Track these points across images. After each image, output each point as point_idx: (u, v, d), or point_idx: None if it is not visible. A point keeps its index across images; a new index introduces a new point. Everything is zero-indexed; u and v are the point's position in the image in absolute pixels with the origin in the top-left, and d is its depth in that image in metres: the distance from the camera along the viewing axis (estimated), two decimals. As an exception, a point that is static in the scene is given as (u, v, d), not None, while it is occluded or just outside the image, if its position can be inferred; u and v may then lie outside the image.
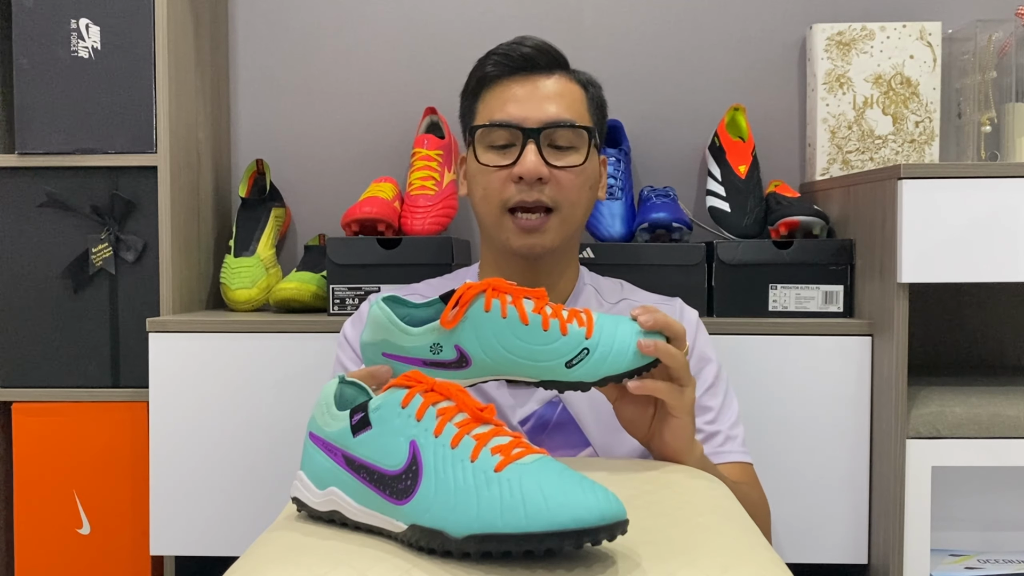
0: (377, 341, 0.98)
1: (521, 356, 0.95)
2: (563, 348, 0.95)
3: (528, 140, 1.22)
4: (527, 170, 1.21)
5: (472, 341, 0.95)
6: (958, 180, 1.37)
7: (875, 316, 1.49)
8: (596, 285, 1.37)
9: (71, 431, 1.65)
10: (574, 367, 0.95)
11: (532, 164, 1.21)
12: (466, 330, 0.95)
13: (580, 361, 0.95)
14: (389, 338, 0.97)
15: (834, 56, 1.76)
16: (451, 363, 0.96)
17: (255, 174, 1.85)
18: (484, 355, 0.95)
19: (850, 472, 1.51)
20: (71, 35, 1.64)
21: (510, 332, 0.95)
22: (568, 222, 1.26)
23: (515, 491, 0.71)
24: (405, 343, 0.97)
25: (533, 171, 1.21)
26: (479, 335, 0.95)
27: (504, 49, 1.28)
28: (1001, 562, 1.49)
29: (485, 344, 0.95)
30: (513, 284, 0.98)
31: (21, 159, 1.65)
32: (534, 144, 1.22)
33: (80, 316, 1.67)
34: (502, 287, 0.97)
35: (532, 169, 1.21)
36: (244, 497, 1.55)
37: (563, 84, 1.27)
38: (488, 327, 0.95)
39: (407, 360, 0.97)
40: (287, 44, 1.93)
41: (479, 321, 0.95)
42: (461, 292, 0.96)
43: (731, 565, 0.74)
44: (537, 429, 1.25)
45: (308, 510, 0.85)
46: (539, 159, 1.22)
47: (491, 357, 0.95)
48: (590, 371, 0.95)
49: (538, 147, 1.22)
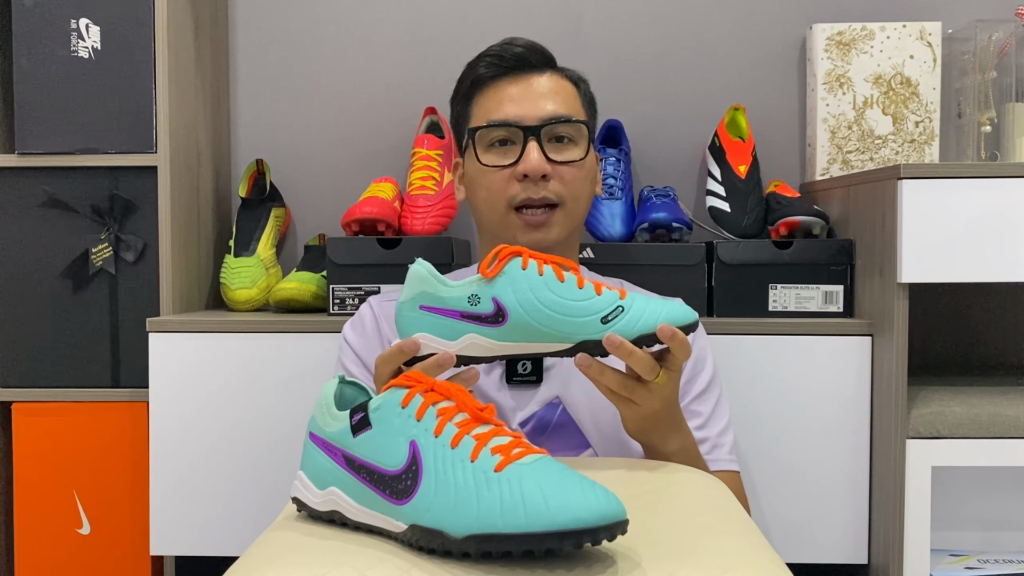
0: (415, 295, 0.99)
1: (557, 311, 0.96)
2: (598, 304, 0.96)
3: (529, 138, 1.23)
4: (531, 167, 1.22)
5: (509, 294, 0.96)
6: (958, 180, 1.37)
7: (875, 316, 1.49)
8: (596, 285, 1.37)
9: (71, 431, 1.65)
10: (609, 323, 0.96)
11: (536, 161, 1.22)
12: (504, 283, 0.96)
13: (616, 317, 0.96)
14: (428, 290, 0.98)
15: (834, 56, 1.76)
16: (488, 317, 0.97)
17: (255, 174, 1.84)
18: (521, 308, 0.96)
19: (850, 472, 1.51)
20: (71, 35, 1.64)
21: (546, 287, 0.96)
22: (572, 216, 1.28)
23: (515, 491, 0.71)
24: (444, 294, 0.98)
25: (537, 168, 1.22)
26: (516, 288, 0.96)
27: (496, 50, 1.29)
28: (1001, 562, 1.49)
29: (522, 297, 0.96)
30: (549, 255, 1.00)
31: (21, 159, 1.65)
32: (535, 141, 1.23)
33: (80, 316, 1.66)
34: (537, 254, 0.99)
35: (536, 166, 1.22)
36: (244, 497, 1.55)
37: (556, 81, 1.29)
38: (524, 282, 0.96)
39: (445, 312, 0.98)
40: (287, 44, 1.93)
41: (516, 275, 0.97)
42: (498, 250, 0.98)
43: (731, 565, 0.74)
44: (537, 431, 1.25)
45: (308, 510, 0.85)
46: (542, 156, 1.23)
47: (528, 311, 0.96)
48: (625, 328, 0.96)
49: (539, 144, 1.23)
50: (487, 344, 0.97)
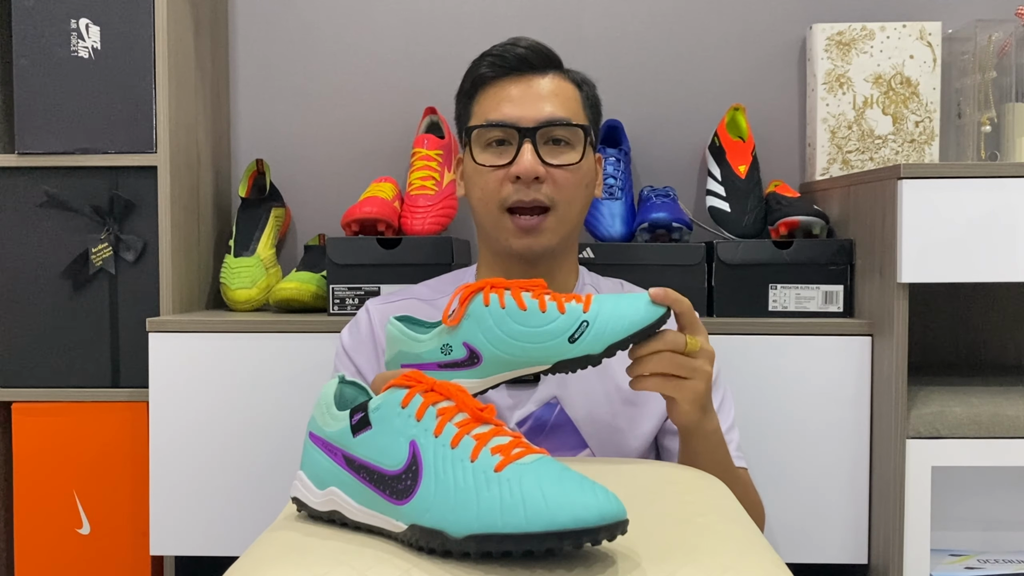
0: (395, 355, 1.04)
1: (524, 340, 0.98)
2: (563, 325, 0.98)
3: (524, 139, 1.23)
4: (524, 169, 1.22)
5: (477, 335, 0.99)
6: (958, 180, 1.37)
7: (875, 316, 1.49)
8: (596, 285, 1.37)
9: (71, 431, 1.65)
10: (576, 341, 0.98)
11: (529, 163, 1.22)
12: (470, 326, 1.00)
13: (581, 334, 0.98)
14: (404, 348, 1.03)
15: (834, 56, 1.76)
16: (463, 361, 1.00)
17: (255, 174, 1.84)
18: (491, 346, 0.99)
19: (850, 472, 1.51)
20: (71, 35, 1.64)
21: (510, 319, 0.99)
22: (565, 221, 1.27)
23: (515, 491, 0.71)
24: (418, 350, 1.02)
25: (530, 170, 1.22)
26: (482, 328, 0.99)
27: (498, 50, 1.29)
28: (1001, 562, 1.49)
29: (489, 335, 0.99)
30: (509, 280, 1.02)
31: (21, 159, 1.65)
32: (530, 143, 1.23)
33: (80, 316, 1.66)
34: (499, 283, 1.01)
35: (529, 168, 1.22)
36: (244, 497, 1.55)
37: (558, 83, 1.28)
38: (489, 319, 0.99)
39: (423, 366, 1.02)
40: (287, 44, 1.93)
41: (480, 315, 0.99)
42: (458, 292, 1.01)
43: (731, 565, 0.74)
44: (535, 431, 1.25)
45: (308, 510, 0.85)
46: (535, 158, 1.22)
47: (498, 347, 0.99)
48: (593, 342, 0.98)
49: (534, 146, 1.23)
50: (471, 384, 1.01)
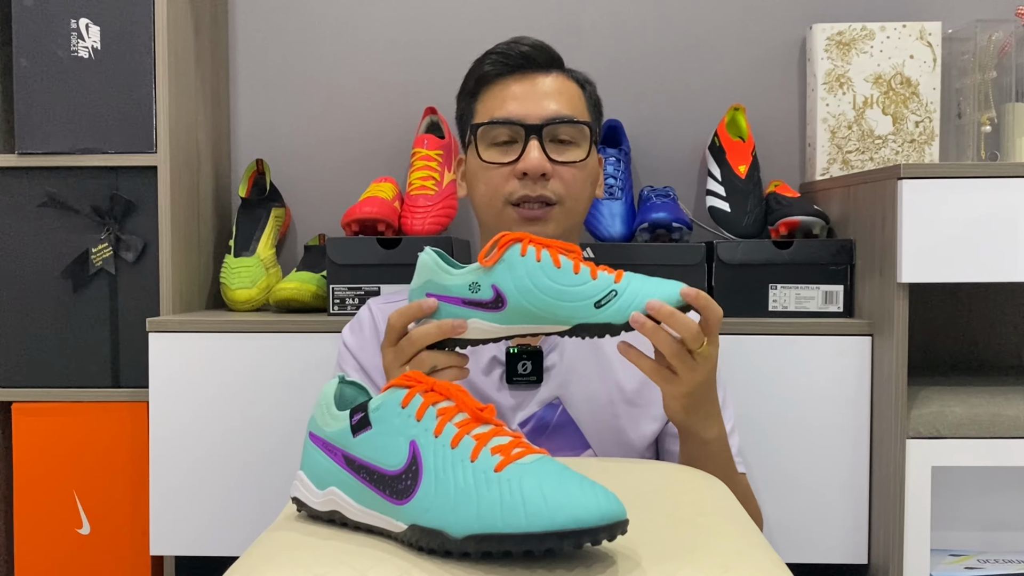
0: (423, 283, 1.05)
1: (553, 296, 0.99)
2: (592, 289, 0.99)
3: (531, 136, 1.23)
4: (531, 166, 1.22)
5: (507, 281, 1.01)
6: (958, 180, 1.37)
7: (875, 316, 1.49)
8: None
9: (71, 431, 1.65)
10: (602, 307, 0.99)
11: (536, 160, 1.22)
12: (502, 270, 1.01)
13: (608, 301, 0.99)
14: (434, 278, 1.04)
15: (834, 56, 1.76)
16: (488, 303, 1.01)
17: (255, 174, 1.85)
18: (518, 294, 1.00)
19: (850, 472, 1.51)
20: (71, 35, 1.64)
21: (543, 273, 1.00)
22: (570, 215, 1.28)
23: (515, 491, 0.71)
24: (447, 282, 1.03)
25: (537, 167, 1.22)
26: (514, 275, 1.00)
27: (502, 48, 1.29)
28: (1001, 562, 1.49)
29: (519, 284, 1.00)
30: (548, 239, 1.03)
31: (21, 159, 1.65)
32: (536, 140, 1.23)
33: (80, 316, 1.66)
34: (538, 240, 1.03)
35: (536, 165, 1.22)
36: (244, 497, 1.55)
37: (561, 82, 1.29)
38: (523, 268, 1.00)
39: (448, 299, 1.03)
40: (287, 44, 1.93)
41: (514, 262, 1.01)
42: (499, 237, 1.02)
43: (731, 565, 0.74)
44: (537, 431, 1.25)
45: (308, 510, 0.85)
46: (542, 155, 1.23)
47: (524, 297, 1.00)
48: (618, 312, 0.99)
49: (540, 143, 1.23)
50: (488, 327, 1.02)
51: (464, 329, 1.03)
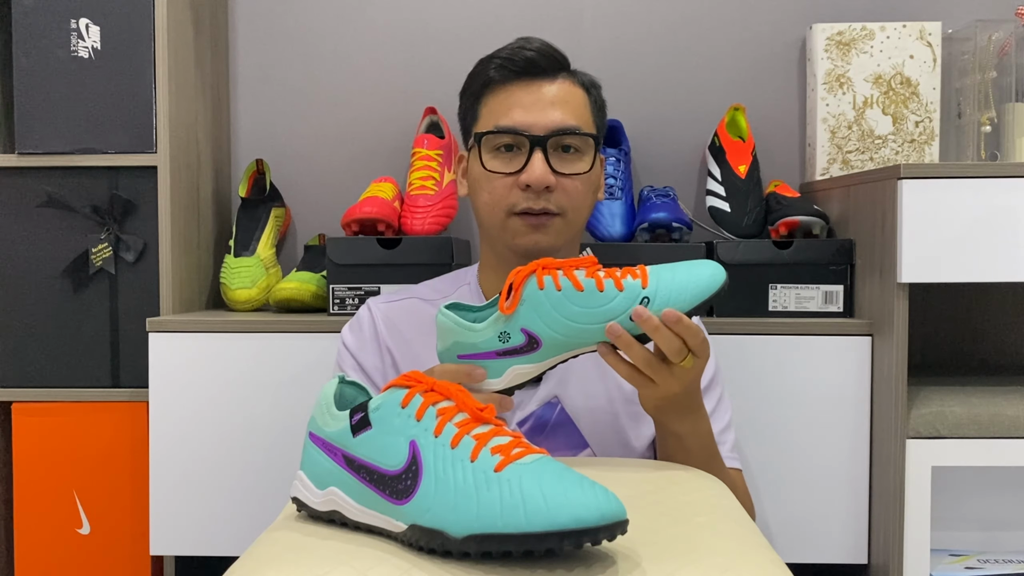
0: (450, 346, 1.01)
1: (585, 321, 0.96)
2: (623, 303, 0.96)
3: (535, 148, 1.22)
4: (534, 179, 1.21)
5: (535, 320, 0.97)
6: (958, 180, 1.37)
7: (875, 316, 1.49)
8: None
9: (71, 431, 1.65)
10: None
11: (539, 173, 1.21)
12: (527, 311, 0.97)
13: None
14: (460, 339, 1.00)
15: (834, 56, 1.76)
16: (523, 347, 0.98)
17: (255, 174, 1.84)
18: (550, 330, 0.97)
19: (850, 472, 1.51)
20: (71, 35, 1.64)
21: (568, 302, 0.96)
22: (572, 225, 1.27)
23: (515, 491, 0.71)
24: (475, 340, 0.99)
25: (541, 180, 1.21)
26: (540, 313, 0.97)
27: (507, 53, 1.27)
28: (1001, 562, 1.49)
29: (548, 319, 0.97)
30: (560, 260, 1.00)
31: (21, 159, 1.65)
32: (541, 152, 1.22)
33: (80, 316, 1.66)
34: (550, 264, 0.99)
35: (539, 178, 1.21)
36: (244, 497, 1.55)
37: (567, 88, 1.27)
38: (546, 303, 0.97)
39: (480, 356, 0.99)
40: (287, 44, 1.93)
41: (536, 300, 0.97)
42: (511, 278, 0.98)
43: (731, 565, 0.74)
44: (536, 430, 1.25)
45: (308, 510, 0.85)
46: (546, 168, 1.21)
47: (557, 331, 0.97)
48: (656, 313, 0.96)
49: (545, 155, 1.22)
50: (530, 369, 0.99)
51: (483, 376, 0.99)
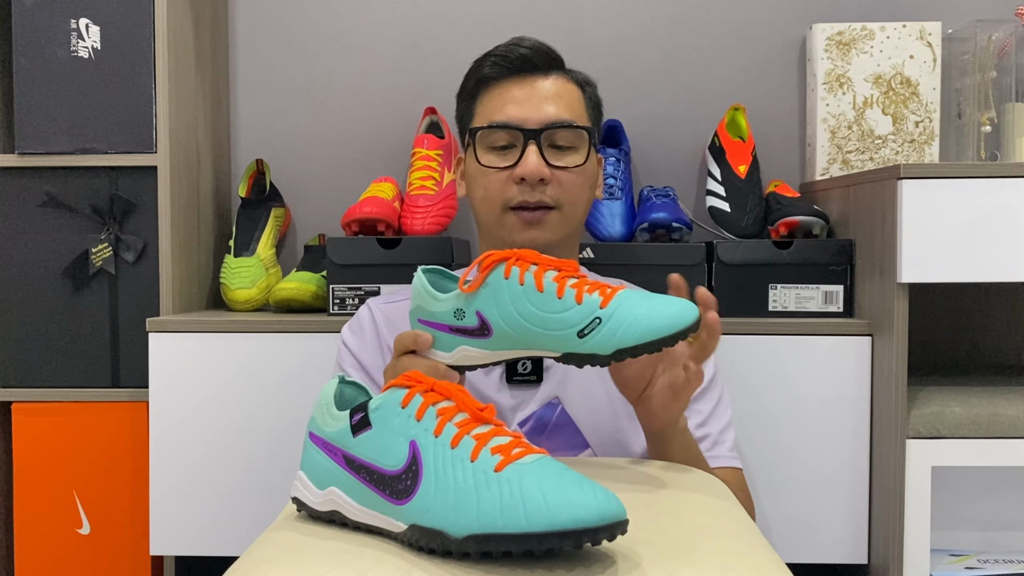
0: (415, 308, 1.02)
1: (535, 324, 0.93)
2: (575, 317, 0.92)
3: (529, 141, 1.23)
4: (529, 171, 1.22)
5: (491, 308, 0.95)
6: (958, 180, 1.37)
7: (875, 316, 1.49)
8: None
9: (71, 431, 1.65)
10: (585, 337, 0.92)
11: (534, 165, 1.22)
12: (486, 296, 0.95)
13: (592, 331, 0.91)
14: (423, 304, 1.00)
15: (834, 56, 1.76)
16: (474, 330, 0.96)
17: (255, 174, 1.85)
18: (503, 322, 0.95)
19: (850, 472, 1.51)
20: (71, 35, 1.64)
21: (525, 299, 0.94)
22: (569, 220, 1.27)
23: (515, 491, 0.71)
24: (434, 308, 0.99)
25: (535, 172, 1.22)
26: (497, 301, 0.95)
27: (501, 50, 1.29)
28: (1001, 562, 1.49)
29: (502, 310, 0.94)
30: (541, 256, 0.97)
31: (21, 159, 1.65)
32: (535, 145, 1.23)
33: (80, 316, 1.66)
34: (527, 256, 0.96)
35: (534, 170, 1.22)
36: (244, 497, 1.55)
37: (561, 84, 1.28)
38: (506, 293, 0.94)
39: (436, 326, 0.99)
40: (287, 44, 1.93)
41: (497, 287, 0.95)
42: (481, 259, 0.96)
43: (731, 565, 0.74)
44: (536, 430, 1.25)
45: (308, 510, 0.85)
46: (540, 160, 1.22)
47: (509, 325, 0.94)
48: (602, 342, 0.91)
49: (539, 148, 1.23)
50: (477, 354, 0.97)
51: (428, 343, 0.99)
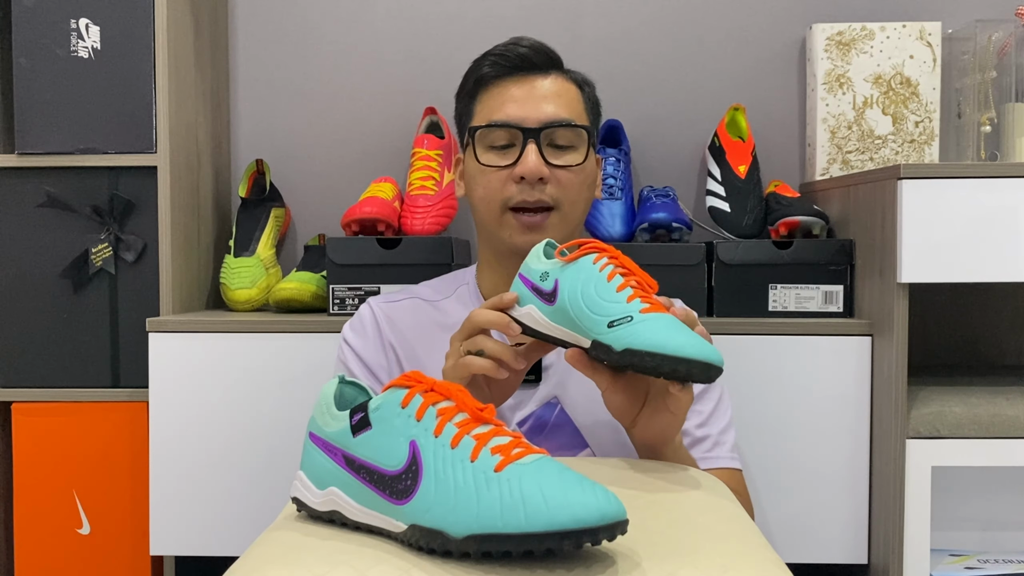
0: (524, 265, 1.08)
1: (586, 303, 1.00)
2: (616, 309, 0.98)
3: (528, 140, 1.23)
4: (528, 170, 1.22)
5: (567, 280, 1.02)
6: (958, 180, 1.37)
7: (875, 316, 1.49)
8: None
9: (71, 431, 1.65)
10: (612, 328, 0.97)
11: (533, 164, 1.22)
12: (571, 270, 1.02)
13: (619, 325, 0.97)
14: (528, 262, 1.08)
15: (834, 56, 1.76)
16: (547, 294, 1.04)
17: (255, 174, 1.85)
18: (566, 293, 1.01)
19: (850, 472, 1.51)
20: (71, 35, 1.64)
21: (592, 281, 1.01)
22: (568, 220, 1.27)
23: (515, 491, 0.71)
24: (533, 265, 1.07)
25: (535, 171, 1.22)
26: (575, 277, 1.02)
27: (500, 50, 1.29)
28: (1001, 562, 1.49)
29: (572, 285, 1.01)
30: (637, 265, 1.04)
31: (21, 159, 1.65)
32: (534, 144, 1.23)
33: (80, 316, 1.66)
34: (622, 257, 1.04)
35: (533, 169, 1.22)
36: (244, 497, 1.55)
37: (560, 84, 1.28)
38: (584, 272, 1.02)
39: (527, 281, 1.06)
40: (287, 44, 1.93)
41: (582, 266, 1.02)
42: (585, 241, 1.05)
43: (731, 565, 0.74)
44: (535, 430, 1.25)
45: (308, 510, 0.85)
46: (540, 159, 1.23)
47: (569, 297, 1.01)
48: (620, 336, 0.96)
49: (538, 147, 1.23)
50: (539, 318, 1.04)
51: (513, 300, 1.06)
